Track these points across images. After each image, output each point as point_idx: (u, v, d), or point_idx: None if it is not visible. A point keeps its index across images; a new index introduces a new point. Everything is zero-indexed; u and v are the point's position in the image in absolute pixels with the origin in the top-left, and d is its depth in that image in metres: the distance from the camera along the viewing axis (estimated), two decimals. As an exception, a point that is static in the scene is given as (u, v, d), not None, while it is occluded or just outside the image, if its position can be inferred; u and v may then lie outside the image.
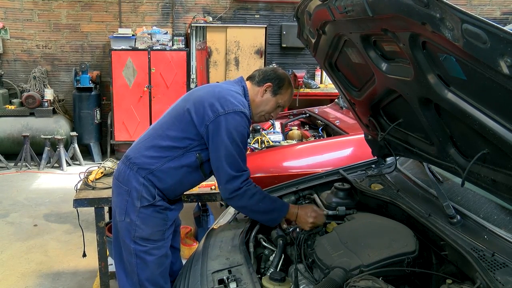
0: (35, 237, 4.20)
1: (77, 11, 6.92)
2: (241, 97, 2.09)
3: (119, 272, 2.24)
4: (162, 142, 2.07)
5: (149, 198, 2.05)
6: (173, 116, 2.12)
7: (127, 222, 2.08)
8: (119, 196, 2.12)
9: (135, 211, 2.06)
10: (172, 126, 2.08)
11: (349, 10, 1.58)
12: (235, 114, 1.99)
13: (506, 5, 7.37)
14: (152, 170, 2.05)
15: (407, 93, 1.70)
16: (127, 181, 2.08)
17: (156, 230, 2.09)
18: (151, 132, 2.15)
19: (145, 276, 2.10)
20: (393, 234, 1.76)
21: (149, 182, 2.06)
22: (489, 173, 1.53)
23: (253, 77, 2.21)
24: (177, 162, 2.05)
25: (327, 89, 6.84)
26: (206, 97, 2.04)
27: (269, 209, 2.06)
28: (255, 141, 3.86)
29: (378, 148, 2.33)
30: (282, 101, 2.20)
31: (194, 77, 6.65)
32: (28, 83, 6.94)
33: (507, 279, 1.35)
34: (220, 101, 2.00)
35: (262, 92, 2.16)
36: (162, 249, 2.12)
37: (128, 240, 2.10)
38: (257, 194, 2.04)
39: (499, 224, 1.63)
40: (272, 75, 2.18)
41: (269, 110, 2.21)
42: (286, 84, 2.19)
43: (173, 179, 2.08)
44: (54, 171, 6.35)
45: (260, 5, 7.11)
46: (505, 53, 1.04)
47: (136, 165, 2.07)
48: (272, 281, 1.70)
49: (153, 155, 2.06)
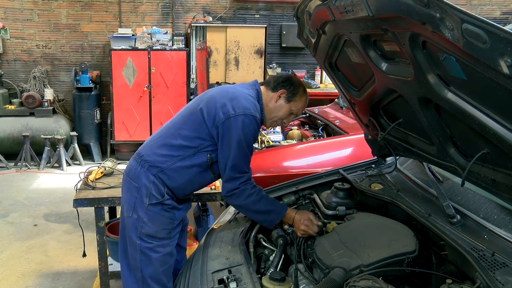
0: (35, 237, 4.20)
1: (77, 11, 6.92)
2: (254, 100, 2.10)
3: (123, 268, 2.26)
4: (174, 141, 2.09)
5: (158, 196, 2.07)
6: (186, 115, 2.14)
7: (135, 218, 2.09)
8: (128, 192, 2.14)
9: (143, 208, 2.07)
10: (184, 125, 2.10)
11: (349, 10, 1.58)
12: (245, 117, 2.00)
13: (506, 5, 7.37)
14: (163, 169, 2.07)
15: (407, 93, 1.70)
16: (137, 178, 2.10)
17: (162, 229, 2.11)
18: (164, 131, 2.17)
19: (148, 273, 2.12)
20: (393, 234, 1.76)
21: (159, 180, 2.07)
22: (489, 173, 1.53)
23: (268, 83, 2.21)
24: (188, 162, 2.07)
25: (327, 89, 6.83)
26: (219, 98, 2.06)
27: (267, 210, 2.07)
28: (255, 141, 3.86)
29: (378, 148, 2.33)
30: (295, 108, 2.19)
31: (194, 77, 6.65)
32: (28, 83, 6.94)
33: (507, 279, 1.35)
34: (232, 102, 2.02)
35: (276, 98, 2.16)
36: (168, 247, 2.13)
37: (134, 236, 2.11)
38: (255, 195, 2.06)
39: (499, 224, 1.63)
40: (288, 82, 2.18)
41: (281, 117, 2.20)
42: (301, 92, 2.18)
43: (183, 178, 2.09)
44: (54, 171, 6.35)
45: (260, 5, 7.11)
46: (505, 52, 1.04)
47: (147, 163, 2.09)
48: (272, 281, 1.70)
49: (165, 154, 2.08)
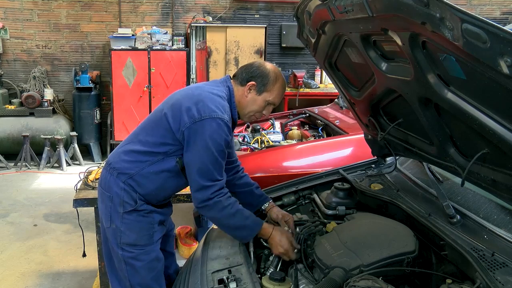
0: (35, 237, 4.20)
1: (77, 11, 6.92)
2: (221, 100, 1.95)
3: (112, 278, 2.20)
4: (141, 147, 2.00)
5: (131, 203, 1.99)
6: (152, 120, 2.05)
7: (113, 228, 2.03)
8: (103, 203, 2.07)
9: (119, 217, 2.01)
10: (151, 131, 2.01)
11: (349, 10, 1.58)
12: (212, 121, 1.86)
13: (506, 5, 7.37)
14: (132, 175, 1.99)
15: (407, 93, 1.71)
16: (109, 187, 2.03)
17: (142, 235, 2.03)
18: (131, 137, 2.09)
19: (136, 282, 2.05)
20: (393, 234, 1.76)
21: (130, 187, 2.00)
22: (489, 172, 1.53)
23: (236, 76, 2.07)
24: (156, 167, 1.98)
25: (327, 89, 6.83)
26: (184, 101, 1.94)
27: (240, 225, 1.94)
28: (255, 141, 3.86)
29: (378, 148, 2.33)
30: (271, 98, 2.04)
31: (194, 77, 6.65)
32: (28, 83, 6.93)
33: (507, 279, 1.35)
34: (198, 105, 1.89)
35: (247, 92, 2.02)
36: (152, 253, 2.05)
37: (115, 247, 2.05)
38: (229, 208, 1.92)
39: (499, 224, 1.63)
40: (256, 72, 2.02)
41: (258, 110, 2.06)
42: (272, 79, 2.01)
43: (154, 184, 2.01)
44: (54, 171, 6.35)
45: (260, 5, 7.11)
46: (505, 52, 1.04)
47: (116, 170, 2.02)
48: (272, 281, 1.70)
49: (132, 160, 2.00)
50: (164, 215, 2.15)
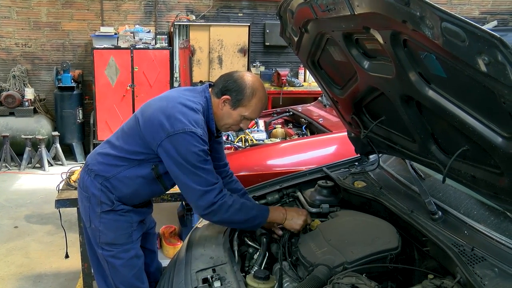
0: (16, 239, 4.12)
1: (58, 9, 6.81)
2: (194, 113, 1.88)
3: (97, 278, 2.25)
4: (118, 153, 2.01)
5: (108, 203, 2.02)
6: (129, 127, 2.04)
7: (92, 228, 2.07)
8: (82, 203, 2.12)
9: (97, 217, 2.04)
10: (127, 139, 2.01)
11: (331, 8, 1.59)
12: (185, 135, 1.82)
13: (484, 4, 7.50)
14: (108, 178, 2.01)
15: (389, 90, 1.72)
16: (87, 187, 2.06)
17: (120, 234, 2.05)
18: (110, 139, 2.11)
19: (119, 280, 2.10)
20: (376, 231, 1.77)
21: (106, 188, 2.02)
22: (469, 169, 1.55)
23: (214, 86, 2.01)
24: (132, 172, 1.99)
25: (310, 87, 6.85)
26: (156, 115, 1.89)
27: (249, 218, 1.96)
28: (239, 140, 3.86)
29: (361, 146, 2.35)
30: (247, 113, 1.96)
31: (177, 75, 6.61)
32: (7, 82, 6.79)
33: (485, 272, 1.38)
34: (170, 120, 1.85)
35: (221, 105, 1.96)
36: (131, 251, 2.08)
37: (95, 246, 2.11)
38: (234, 205, 1.92)
39: (478, 219, 1.66)
40: (232, 85, 1.94)
41: (233, 123, 2.01)
42: (248, 95, 1.93)
43: (128, 188, 2.02)
44: (35, 171, 6.24)
45: (243, 4, 7.10)
46: (482, 51, 1.06)
47: (93, 172, 2.04)
48: (256, 279, 1.70)
49: (109, 163, 2.02)
50: (143, 214, 2.18)
